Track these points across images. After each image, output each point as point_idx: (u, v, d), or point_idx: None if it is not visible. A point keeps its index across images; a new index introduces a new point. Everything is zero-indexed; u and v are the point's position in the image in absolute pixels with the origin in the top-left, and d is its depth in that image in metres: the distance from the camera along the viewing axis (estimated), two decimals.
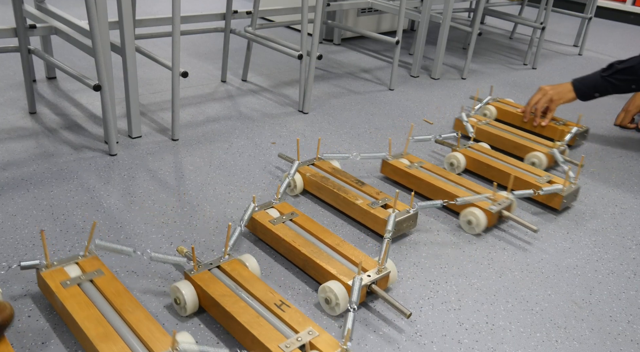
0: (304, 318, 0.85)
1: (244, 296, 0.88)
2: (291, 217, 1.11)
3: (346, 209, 1.21)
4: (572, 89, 1.67)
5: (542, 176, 1.36)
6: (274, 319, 0.85)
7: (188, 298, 0.89)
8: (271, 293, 0.89)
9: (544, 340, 0.93)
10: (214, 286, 0.89)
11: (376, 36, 2.10)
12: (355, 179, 1.27)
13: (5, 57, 2.00)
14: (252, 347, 0.82)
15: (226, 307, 0.85)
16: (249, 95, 1.88)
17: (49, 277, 0.88)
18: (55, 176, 1.28)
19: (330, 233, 1.07)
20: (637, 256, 1.19)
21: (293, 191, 1.28)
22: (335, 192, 1.22)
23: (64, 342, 0.84)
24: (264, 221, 1.09)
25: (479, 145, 1.50)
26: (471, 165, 1.45)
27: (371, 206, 1.16)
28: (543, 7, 2.54)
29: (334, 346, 0.81)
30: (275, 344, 0.79)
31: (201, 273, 0.92)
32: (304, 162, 1.33)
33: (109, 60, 1.36)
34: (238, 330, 0.84)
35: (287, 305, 0.87)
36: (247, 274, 0.93)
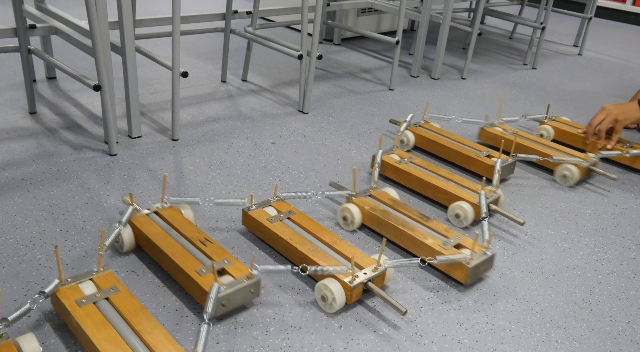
0: (223, 251, 0.98)
1: (173, 234, 1.02)
2: (288, 215, 1.12)
3: (413, 248, 1.10)
4: (639, 108, 1.57)
5: (483, 151, 1.45)
6: (197, 251, 0.98)
7: (126, 237, 1.03)
8: (198, 232, 1.03)
9: (544, 340, 0.93)
10: (149, 226, 1.03)
11: (376, 36, 2.10)
12: (420, 214, 1.15)
13: (5, 57, 2.00)
14: (176, 275, 0.95)
15: (156, 242, 0.99)
16: (249, 95, 1.88)
17: (63, 295, 0.85)
18: (55, 176, 1.28)
19: (327, 231, 1.08)
20: (637, 256, 1.19)
21: (350, 225, 1.17)
22: (400, 229, 1.11)
23: (65, 342, 0.84)
24: (262, 219, 1.10)
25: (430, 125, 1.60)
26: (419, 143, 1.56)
27: (443, 247, 1.05)
28: (543, 7, 2.54)
29: (244, 271, 0.93)
30: (194, 270, 0.92)
31: (140, 217, 1.06)
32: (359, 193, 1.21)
33: (109, 60, 1.36)
34: (165, 261, 0.97)
35: (210, 241, 1.00)
36: (180, 218, 1.07)
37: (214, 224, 1.16)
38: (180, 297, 0.95)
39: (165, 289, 0.97)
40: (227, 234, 1.14)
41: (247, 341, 0.87)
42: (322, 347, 0.88)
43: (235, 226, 1.16)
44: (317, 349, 0.87)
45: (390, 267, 0.98)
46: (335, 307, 0.93)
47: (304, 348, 0.87)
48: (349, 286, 0.92)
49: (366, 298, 0.99)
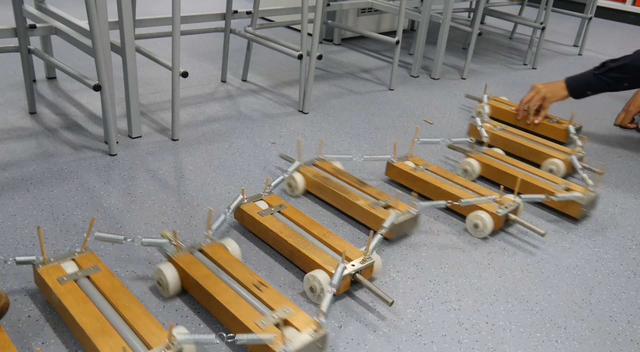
0: (280, 297, 0.88)
1: (224, 277, 0.92)
2: (279, 209, 1.13)
3: (347, 210, 1.21)
4: (565, 86, 1.69)
5: (560, 183, 1.33)
6: (252, 298, 0.88)
7: (170, 279, 0.92)
8: (250, 275, 0.93)
9: (544, 340, 0.93)
10: (195, 267, 0.93)
11: (376, 36, 2.10)
12: (357, 180, 1.27)
13: (5, 57, 2.00)
14: (231, 325, 0.85)
15: (207, 287, 0.89)
16: (249, 95, 1.88)
17: (46, 273, 0.88)
18: (55, 176, 1.28)
19: (317, 224, 1.09)
20: (637, 256, 1.19)
21: (294, 191, 1.28)
22: (337, 192, 1.22)
23: (64, 343, 0.84)
24: (253, 212, 1.11)
25: (493, 150, 1.48)
26: (485, 172, 1.43)
27: (372, 207, 1.16)
28: (543, 7, 2.54)
29: (309, 322, 0.83)
30: (252, 321, 0.82)
31: (183, 255, 0.96)
32: (305, 163, 1.33)
33: (109, 60, 1.36)
34: (218, 309, 0.87)
35: (264, 285, 0.90)
36: (227, 257, 0.97)
37: None
38: (179, 298, 0.95)
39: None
40: (224, 230, 1.14)
41: None
42: None
43: (231, 222, 1.16)
44: None
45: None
46: (323, 298, 0.94)
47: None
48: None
49: (366, 297, 0.99)
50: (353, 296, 0.99)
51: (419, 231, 1.20)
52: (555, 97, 1.68)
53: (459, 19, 3.22)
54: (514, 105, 1.78)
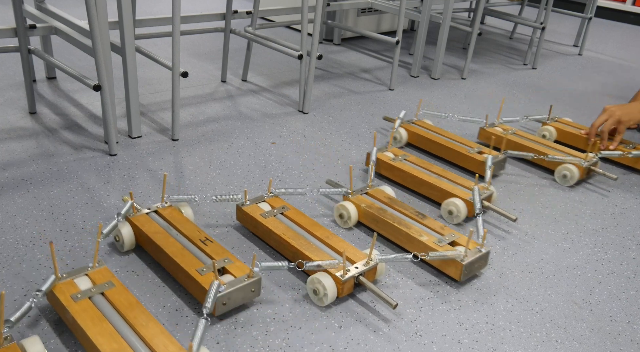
0: (223, 250, 0.97)
1: (173, 233, 1.02)
2: (282, 210, 1.13)
3: (408, 245, 1.10)
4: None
5: (474, 147, 1.45)
6: (197, 251, 0.98)
7: (126, 236, 1.02)
8: (198, 231, 1.03)
9: (544, 340, 0.93)
10: (148, 225, 1.03)
11: (376, 36, 2.10)
12: (415, 211, 1.16)
13: (5, 57, 2.00)
14: (177, 274, 0.95)
15: (157, 241, 0.98)
16: (249, 95, 1.88)
17: (59, 290, 0.85)
18: (55, 176, 1.28)
19: (320, 226, 1.09)
20: (637, 256, 1.19)
21: (346, 223, 1.18)
22: (396, 226, 1.11)
23: (64, 342, 0.84)
24: (255, 214, 1.11)
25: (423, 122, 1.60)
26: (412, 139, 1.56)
27: (438, 244, 1.06)
28: (543, 7, 2.54)
29: (244, 269, 0.93)
30: (194, 269, 0.92)
31: (139, 215, 1.06)
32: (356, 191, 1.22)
33: (109, 60, 1.36)
34: (166, 260, 0.97)
35: (210, 240, 1.00)
36: (180, 217, 1.07)
37: (211, 221, 1.16)
38: (180, 297, 0.95)
39: (166, 289, 0.97)
40: (223, 229, 1.14)
41: (247, 341, 0.87)
42: (322, 347, 0.88)
43: (232, 223, 1.16)
44: (317, 349, 0.87)
45: (382, 262, 0.99)
46: (325, 301, 0.94)
47: (304, 348, 0.87)
48: (340, 279, 0.93)
49: (366, 297, 0.99)
50: (353, 296, 0.99)
51: None
52: (631, 120, 1.54)
53: (459, 19, 3.22)
54: (582, 128, 1.65)
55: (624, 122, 1.54)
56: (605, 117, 1.56)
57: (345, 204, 1.17)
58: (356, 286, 0.98)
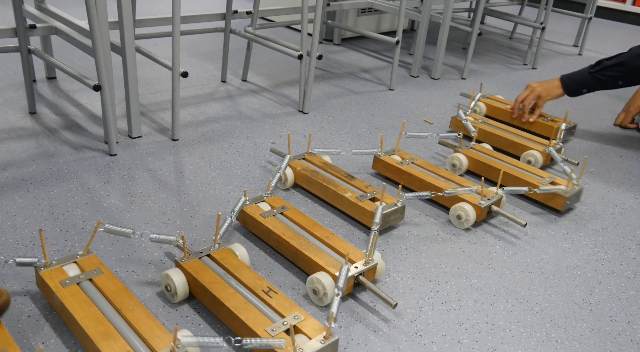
0: (290, 304, 0.87)
1: (232, 283, 0.91)
2: (282, 210, 1.13)
3: (335, 202, 1.23)
4: (560, 85, 1.70)
5: (545, 177, 1.35)
6: (261, 304, 0.87)
7: (178, 285, 0.91)
8: (259, 280, 0.92)
9: (544, 340, 0.93)
10: (203, 273, 0.92)
11: (376, 36, 2.10)
12: (345, 173, 1.28)
13: (5, 57, 2.00)
14: (240, 332, 0.84)
15: (215, 293, 0.88)
16: (249, 95, 1.88)
17: (48, 276, 0.88)
18: (55, 176, 1.28)
19: (320, 226, 1.09)
20: (637, 256, 1.19)
21: (284, 184, 1.30)
22: (325, 185, 1.24)
23: (65, 342, 0.84)
24: (255, 214, 1.11)
25: (481, 146, 1.50)
26: (473, 166, 1.45)
27: (359, 199, 1.18)
28: (543, 7, 2.54)
29: (319, 329, 0.83)
30: (262, 328, 0.81)
31: (191, 261, 0.94)
32: (295, 156, 1.35)
33: (109, 60, 1.36)
34: (226, 316, 0.86)
35: (274, 291, 0.89)
36: (236, 262, 0.96)
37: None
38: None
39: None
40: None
41: None
42: None
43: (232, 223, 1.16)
44: None
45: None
46: (325, 301, 0.94)
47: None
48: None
49: (366, 297, 0.99)
50: (353, 296, 0.99)
51: (418, 231, 1.20)
52: (550, 95, 1.69)
53: (459, 19, 3.22)
54: (508, 104, 1.79)
55: (543, 97, 1.69)
56: (527, 93, 1.71)
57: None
58: (356, 285, 0.98)
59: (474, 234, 1.21)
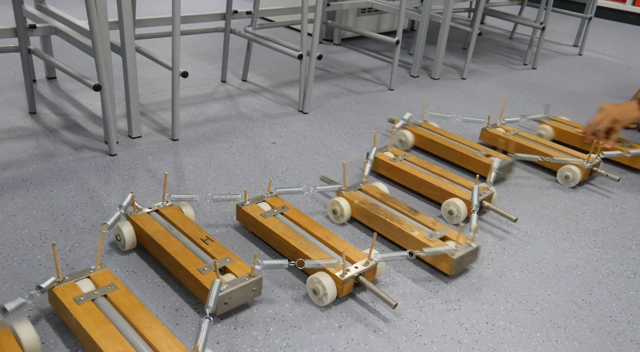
0: (224, 250, 0.97)
1: (174, 232, 1.02)
2: (282, 210, 1.13)
3: (401, 241, 1.12)
4: (638, 107, 1.57)
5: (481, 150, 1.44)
6: (198, 250, 0.98)
7: (127, 235, 1.02)
8: (199, 231, 1.02)
9: (544, 340, 0.93)
10: (150, 224, 1.03)
11: (376, 36, 2.10)
12: (408, 207, 1.18)
13: (5, 57, 2.00)
14: (178, 273, 0.95)
15: (158, 241, 0.99)
16: (249, 95, 1.88)
17: (61, 293, 0.85)
18: (55, 176, 1.28)
19: (320, 226, 1.09)
20: (637, 256, 1.19)
21: (339, 218, 1.19)
22: (388, 222, 1.13)
23: (65, 342, 0.84)
24: (255, 214, 1.11)
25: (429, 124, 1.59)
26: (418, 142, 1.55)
27: (429, 239, 1.07)
28: (543, 7, 2.54)
29: (245, 269, 0.93)
30: (195, 268, 0.92)
31: (140, 215, 1.06)
32: (350, 188, 1.23)
33: (109, 60, 1.36)
34: (167, 260, 0.97)
35: (211, 239, 1.00)
36: (181, 216, 1.07)
37: (211, 220, 1.16)
38: (180, 297, 0.95)
39: (166, 289, 0.97)
40: (224, 229, 1.14)
41: (247, 340, 0.88)
42: (322, 347, 0.88)
43: (232, 223, 1.16)
44: (317, 349, 0.87)
45: (381, 261, 0.99)
46: (325, 301, 0.94)
47: (304, 348, 0.87)
48: (340, 279, 0.94)
49: (366, 297, 0.99)
50: (353, 296, 0.99)
51: None
52: (627, 119, 1.55)
53: (459, 19, 3.22)
54: (579, 127, 1.65)
55: (620, 121, 1.55)
56: (601, 117, 1.56)
57: (338, 200, 1.18)
58: (356, 285, 0.98)
59: (465, 229, 1.21)
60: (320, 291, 0.94)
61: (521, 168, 1.53)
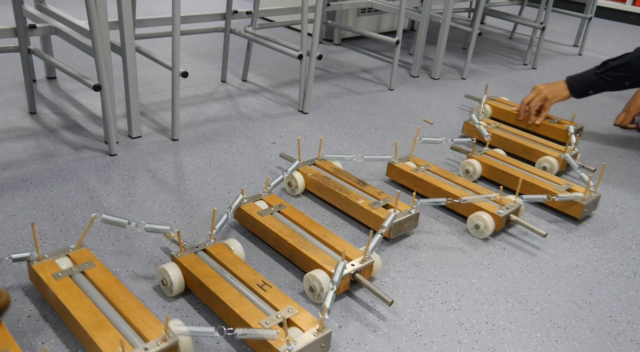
0: (284, 297, 0.88)
1: (227, 277, 0.92)
2: (279, 209, 1.13)
3: (347, 209, 1.21)
4: (567, 87, 1.68)
5: (562, 184, 1.32)
6: (256, 298, 0.89)
7: (174, 279, 0.92)
8: (254, 274, 0.93)
9: (544, 340, 0.93)
10: (199, 267, 0.93)
11: (376, 36, 2.10)
12: (357, 180, 1.27)
13: (5, 57, 2.00)
14: (235, 325, 0.85)
15: (210, 287, 0.89)
16: (249, 95, 1.88)
17: (41, 269, 0.89)
18: (55, 176, 1.28)
19: (317, 224, 1.09)
20: (637, 256, 1.19)
21: (294, 190, 1.28)
22: (337, 192, 1.22)
23: (64, 342, 0.84)
24: (252, 212, 1.11)
25: (494, 151, 1.48)
26: (487, 172, 1.42)
27: (372, 206, 1.17)
28: (543, 7, 2.54)
29: (312, 322, 0.84)
30: (256, 321, 0.83)
31: (187, 255, 0.96)
32: (305, 162, 1.33)
33: (109, 60, 1.36)
34: (221, 309, 0.88)
35: (268, 285, 0.90)
36: (231, 257, 0.97)
37: None
38: (180, 297, 0.95)
39: None
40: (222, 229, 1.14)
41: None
42: None
43: (229, 221, 1.16)
44: None
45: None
46: (322, 297, 0.94)
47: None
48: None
49: (366, 297, 0.99)
50: (353, 296, 0.99)
51: (419, 231, 1.20)
52: (556, 97, 1.68)
53: (459, 19, 3.22)
54: (514, 106, 1.78)
55: (550, 99, 1.67)
56: (533, 95, 1.69)
57: (293, 174, 1.28)
58: (352, 283, 0.98)
59: (474, 234, 1.21)
60: (317, 288, 0.94)
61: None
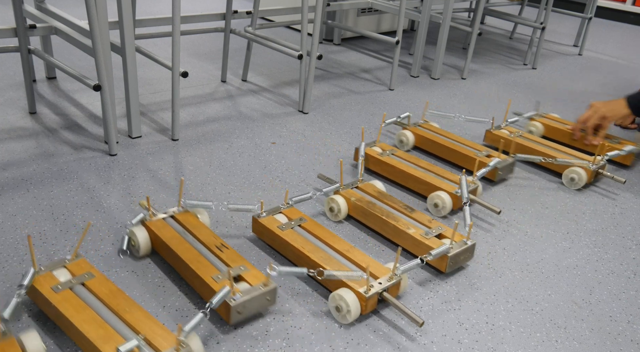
0: (239, 258, 0.96)
1: (189, 239, 1.01)
2: (300, 222, 1.09)
3: (396, 238, 1.12)
4: (626, 104, 1.59)
5: (482, 150, 1.45)
6: (213, 257, 0.96)
7: (141, 241, 1.01)
8: (214, 237, 1.01)
9: (544, 340, 0.93)
10: (164, 230, 1.02)
11: (376, 36, 2.10)
12: (404, 205, 1.18)
13: (5, 57, 2.00)
14: (192, 281, 0.94)
15: (173, 247, 0.97)
16: (249, 95, 1.88)
17: (38, 283, 0.86)
18: (55, 176, 1.28)
19: (339, 239, 1.05)
20: (637, 256, 1.19)
21: (337, 216, 1.19)
22: (384, 219, 1.13)
23: (65, 342, 0.84)
24: (272, 226, 1.07)
25: (429, 124, 1.59)
26: (419, 142, 1.55)
27: (425, 236, 1.08)
28: (543, 7, 2.54)
29: (261, 278, 0.91)
30: (210, 276, 0.91)
31: (156, 220, 1.04)
32: (347, 185, 1.24)
33: (109, 60, 1.36)
34: (181, 267, 0.96)
35: (226, 247, 0.99)
36: (195, 222, 1.05)
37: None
38: (180, 297, 0.95)
39: (166, 289, 0.97)
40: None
41: (247, 340, 0.87)
42: (322, 347, 0.88)
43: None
44: (317, 349, 0.87)
45: (404, 273, 0.96)
46: (349, 318, 0.91)
47: (304, 348, 0.87)
48: (364, 296, 0.90)
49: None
50: None
51: None
52: (615, 115, 1.58)
53: (459, 19, 3.22)
54: (568, 124, 1.67)
55: (608, 117, 1.57)
56: (590, 113, 1.59)
57: (335, 198, 1.19)
58: (379, 302, 0.94)
59: (473, 234, 1.21)
60: (343, 308, 0.91)
61: (524, 170, 1.53)
